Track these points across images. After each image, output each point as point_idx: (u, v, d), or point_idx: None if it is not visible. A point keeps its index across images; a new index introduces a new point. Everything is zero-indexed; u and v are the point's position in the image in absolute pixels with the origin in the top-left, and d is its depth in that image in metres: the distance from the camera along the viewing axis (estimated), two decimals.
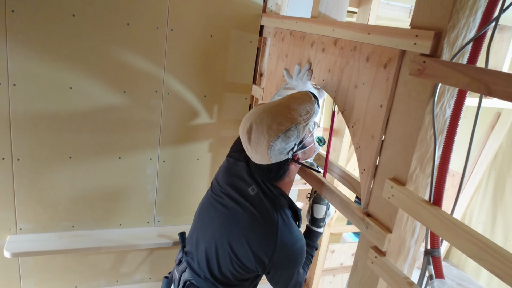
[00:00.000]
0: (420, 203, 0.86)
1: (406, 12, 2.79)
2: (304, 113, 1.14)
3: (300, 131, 1.13)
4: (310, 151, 1.24)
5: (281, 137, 1.10)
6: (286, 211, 1.22)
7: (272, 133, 1.10)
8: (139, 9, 1.63)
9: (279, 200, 1.22)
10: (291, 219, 1.23)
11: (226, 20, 1.79)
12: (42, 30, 1.51)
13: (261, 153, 1.14)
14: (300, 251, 1.21)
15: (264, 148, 1.12)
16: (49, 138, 1.65)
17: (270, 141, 1.10)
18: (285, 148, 1.13)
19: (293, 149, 1.15)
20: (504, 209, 3.42)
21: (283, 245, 1.17)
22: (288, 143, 1.12)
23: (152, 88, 1.76)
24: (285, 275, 1.22)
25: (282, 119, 1.11)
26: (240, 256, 1.21)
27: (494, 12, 0.80)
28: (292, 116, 1.12)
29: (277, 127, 1.10)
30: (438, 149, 0.90)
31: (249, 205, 1.21)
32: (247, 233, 1.19)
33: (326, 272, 2.67)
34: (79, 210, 1.81)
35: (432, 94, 0.85)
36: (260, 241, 1.18)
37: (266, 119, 1.12)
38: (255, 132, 1.13)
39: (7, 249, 1.64)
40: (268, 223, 1.18)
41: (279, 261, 1.18)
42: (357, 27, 1.10)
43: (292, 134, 1.11)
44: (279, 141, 1.10)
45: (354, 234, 3.92)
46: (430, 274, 0.90)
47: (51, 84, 1.59)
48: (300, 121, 1.12)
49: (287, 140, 1.11)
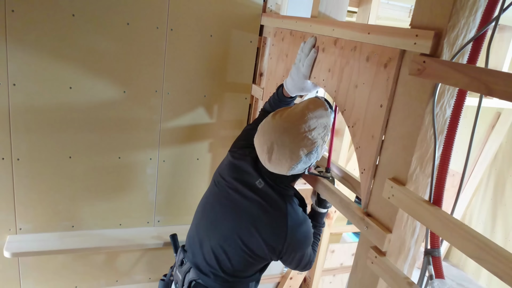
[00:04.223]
0: (420, 203, 0.85)
1: (406, 12, 2.79)
2: (322, 130, 1.17)
3: (319, 150, 1.18)
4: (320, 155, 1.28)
5: (303, 160, 1.15)
6: (294, 200, 1.28)
7: (295, 157, 1.14)
8: (139, 9, 1.63)
9: (286, 191, 1.27)
10: (298, 206, 1.28)
11: (226, 20, 1.79)
12: (42, 30, 1.51)
13: (279, 171, 1.19)
14: (309, 232, 1.28)
15: (285, 168, 1.17)
16: (49, 138, 1.65)
17: (293, 164, 1.15)
18: (305, 168, 1.20)
19: (311, 165, 1.22)
20: (504, 209, 3.42)
21: (294, 230, 1.23)
22: (308, 164, 1.19)
23: (152, 88, 1.76)
24: (298, 256, 1.28)
25: (305, 143, 1.13)
26: (253, 247, 1.25)
27: (494, 12, 0.80)
28: (313, 138, 1.15)
29: (300, 151, 1.14)
30: (438, 149, 0.90)
31: (257, 197, 1.25)
32: (258, 224, 1.23)
33: (326, 272, 2.66)
34: (79, 210, 1.81)
35: (432, 94, 0.85)
36: (272, 230, 1.23)
37: (288, 142, 1.13)
38: (276, 153, 1.15)
39: (7, 249, 1.64)
40: (277, 211, 1.23)
41: (292, 245, 1.24)
42: (357, 27, 1.10)
43: (312, 156, 1.17)
44: (301, 164, 1.16)
45: (354, 234, 3.92)
46: (430, 274, 0.90)
47: (51, 84, 1.59)
48: (320, 143, 1.17)
49: (308, 162, 1.17)
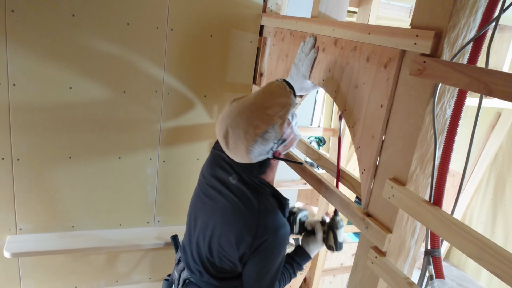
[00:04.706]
0: (420, 203, 0.85)
1: (406, 12, 2.79)
2: (280, 109, 1.10)
3: (278, 130, 1.10)
4: (291, 142, 1.20)
5: (259, 141, 1.08)
6: (269, 199, 1.19)
7: (249, 137, 1.07)
8: (139, 9, 1.62)
9: (261, 188, 1.19)
10: (275, 207, 1.19)
11: (226, 20, 1.79)
12: (42, 30, 1.51)
13: (241, 156, 1.13)
14: (282, 239, 1.15)
15: (243, 152, 1.10)
16: (49, 138, 1.65)
17: (249, 146, 1.08)
18: (265, 150, 1.11)
19: (273, 148, 1.13)
20: (504, 209, 3.42)
21: (264, 229, 1.13)
22: (267, 145, 1.10)
23: (152, 88, 1.76)
24: (260, 266, 1.16)
25: (258, 121, 1.07)
26: (225, 247, 1.18)
27: (494, 12, 0.80)
28: (268, 117, 1.08)
29: (254, 131, 1.07)
30: (439, 149, 0.90)
31: (231, 194, 1.19)
32: (230, 222, 1.17)
33: (326, 272, 2.66)
34: (79, 210, 1.81)
35: (432, 94, 0.85)
36: (242, 228, 1.15)
37: (242, 123, 1.08)
38: (231, 137, 1.10)
39: (7, 249, 1.64)
40: (249, 209, 1.15)
41: (258, 250, 1.13)
42: (357, 27, 1.10)
43: (270, 136, 1.09)
44: (258, 145, 1.08)
45: (354, 234, 3.92)
46: (430, 274, 0.90)
47: (51, 84, 1.58)
48: (277, 121, 1.09)
49: (266, 142, 1.09)
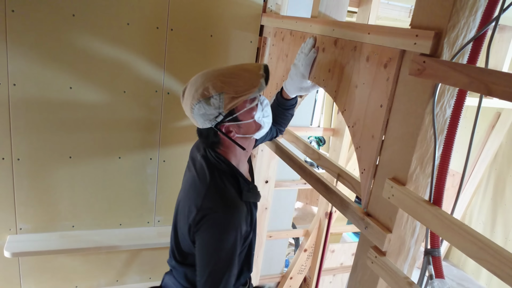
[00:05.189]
0: (420, 203, 0.85)
1: (406, 12, 2.79)
2: (240, 83, 1.09)
3: (225, 101, 1.08)
4: (248, 128, 1.17)
5: (202, 101, 1.09)
6: (225, 176, 1.16)
7: (196, 96, 1.10)
8: (139, 9, 1.62)
9: (219, 164, 1.17)
10: (228, 185, 1.15)
11: (226, 20, 1.79)
12: (42, 30, 1.51)
13: (188, 114, 1.15)
14: (226, 219, 1.08)
15: (188, 108, 1.13)
16: (49, 138, 1.65)
17: (193, 104, 1.11)
18: (207, 115, 1.11)
19: (217, 118, 1.11)
20: (504, 209, 3.42)
21: (208, 202, 1.10)
22: (208, 110, 1.10)
23: (152, 88, 1.76)
24: (205, 248, 1.09)
25: (210, 85, 1.09)
26: (181, 223, 1.18)
27: (494, 12, 0.80)
28: (222, 83, 1.08)
29: (202, 92, 1.09)
30: (438, 149, 0.90)
31: (193, 169, 1.21)
32: (188, 196, 1.17)
33: (326, 272, 2.67)
34: (79, 210, 1.81)
35: (432, 94, 0.85)
36: (192, 200, 1.13)
37: (198, 82, 1.11)
38: (187, 92, 1.14)
39: (7, 249, 1.64)
40: (201, 181, 1.15)
41: (201, 221, 1.08)
42: (357, 27, 1.10)
43: (214, 102, 1.08)
44: (200, 106, 1.10)
45: (354, 234, 3.92)
46: (430, 274, 0.90)
47: (51, 84, 1.59)
48: (228, 91, 1.08)
49: (207, 107, 1.09)
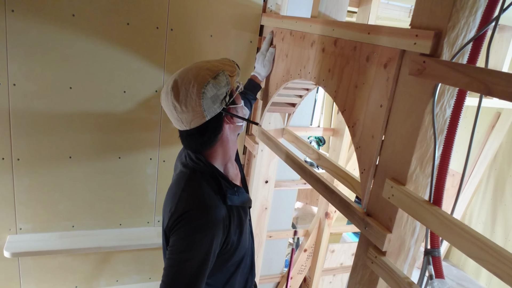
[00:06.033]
0: (420, 203, 0.85)
1: (406, 12, 2.80)
2: (227, 66, 1.08)
3: (228, 78, 1.05)
4: (241, 112, 1.15)
5: (211, 82, 1.01)
6: (204, 177, 1.08)
7: (201, 78, 1.01)
8: (139, 9, 1.63)
9: (197, 165, 1.10)
10: (206, 187, 1.06)
11: (226, 20, 1.79)
12: (42, 30, 1.51)
13: (192, 107, 1.02)
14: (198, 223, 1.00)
15: (195, 98, 1.00)
16: (49, 138, 1.65)
17: (201, 87, 1.00)
18: (218, 96, 1.03)
19: (226, 99, 1.05)
20: (504, 209, 3.42)
21: (182, 203, 1.04)
22: (219, 89, 1.03)
23: (152, 88, 1.76)
24: (173, 250, 1.01)
25: (208, 67, 1.05)
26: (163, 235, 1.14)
27: (494, 12, 0.80)
28: (216, 64, 1.06)
29: (206, 72, 1.02)
30: (438, 149, 0.90)
31: (174, 177, 1.18)
32: (168, 201, 1.11)
33: (326, 272, 2.67)
34: (79, 210, 1.81)
35: (432, 94, 0.85)
36: (169, 203, 1.09)
37: (191, 71, 1.04)
38: (181, 85, 1.02)
39: (7, 249, 1.64)
40: (179, 183, 1.10)
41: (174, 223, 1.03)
42: (357, 27, 1.10)
43: (222, 79, 1.03)
44: (210, 87, 1.01)
45: (354, 234, 3.92)
46: (430, 274, 0.90)
47: (51, 84, 1.59)
48: (227, 69, 1.06)
49: (218, 85, 1.02)
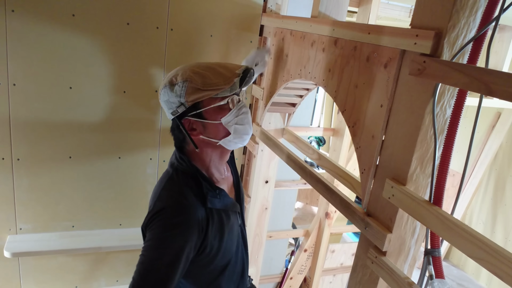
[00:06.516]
0: (420, 203, 0.85)
1: (406, 12, 2.80)
2: (211, 77, 1.03)
3: (187, 90, 1.02)
4: (215, 131, 1.09)
5: (167, 87, 1.05)
6: (187, 178, 1.10)
7: (164, 81, 1.07)
8: (139, 9, 1.62)
9: (180, 165, 1.13)
10: (186, 187, 1.07)
11: (226, 20, 1.79)
12: (42, 30, 1.51)
13: (160, 99, 1.12)
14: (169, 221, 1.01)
15: (159, 92, 1.11)
16: (49, 138, 1.65)
17: (160, 89, 1.08)
18: (170, 103, 1.06)
19: (179, 109, 1.05)
20: (504, 209, 3.42)
21: (159, 201, 1.06)
22: (171, 97, 1.05)
23: (152, 88, 1.76)
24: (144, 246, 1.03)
25: (180, 72, 1.05)
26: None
27: (494, 12, 0.80)
28: (189, 74, 1.03)
29: (170, 78, 1.05)
30: (438, 149, 0.90)
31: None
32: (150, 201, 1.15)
33: (326, 272, 2.67)
34: (79, 210, 1.81)
35: (432, 94, 0.85)
36: (150, 200, 1.13)
37: (174, 70, 1.09)
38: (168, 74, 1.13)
39: (7, 249, 1.64)
40: (160, 182, 1.13)
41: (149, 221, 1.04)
42: (357, 27, 1.10)
43: (176, 89, 1.03)
44: (164, 91, 1.06)
45: (354, 234, 3.92)
46: (430, 274, 0.90)
47: (51, 84, 1.58)
48: (195, 82, 1.02)
49: (170, 93, 1.04)
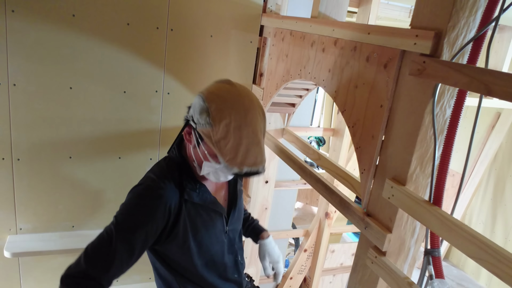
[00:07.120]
0: (420, 203, 0.86)
1: (406, 12, 2.80)
2: (224, 150, 1.01)
3: (203, 128, 1.05)
4: (198, 158, 1.11)
5: (202, 101, 1.07)
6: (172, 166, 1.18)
7: (204, 91, 1.11)
8: (139, 9, 1.63)
9: (171, 152, 1.22)
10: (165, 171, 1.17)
11: (226, 20, 1.79)
12: (42, 30, 1.51)
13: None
14: (137, 194, 1.21)
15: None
16: (49, 138, 1.65)
17: (200, 93, 1.11)
18: (192, 110, 1.12)
19: (193, 119, 1.09)
20: (504, 209, 3.42)
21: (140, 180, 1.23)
22: (195, 109, 1.09)
23: (152, 88, 1.76)
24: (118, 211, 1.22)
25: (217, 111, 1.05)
26: None
27: (494, 12, 0.80)
28: (218, 122, 1.03)
29: (210, 103, 1.07)
30: (438, 149, 0.90)
31: None
32: None
33: (326, 272, 2.67)
34: (79, 210, 1.81)
35: (432, 94, 0.85)
36: None
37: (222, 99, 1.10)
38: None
39: (7, 249, 1.64)
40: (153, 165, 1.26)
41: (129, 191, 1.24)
42: (357, 27, 1.10)
43: (201, 116, 1.06)
44: (198, 99, 1.10)
45: (354, 234, 3.92)
46: (430, 274, 0.90)
47: (51, 84, 1.59)
48: (212, 134, 1.03)
49: (197, 108, 1.08)
